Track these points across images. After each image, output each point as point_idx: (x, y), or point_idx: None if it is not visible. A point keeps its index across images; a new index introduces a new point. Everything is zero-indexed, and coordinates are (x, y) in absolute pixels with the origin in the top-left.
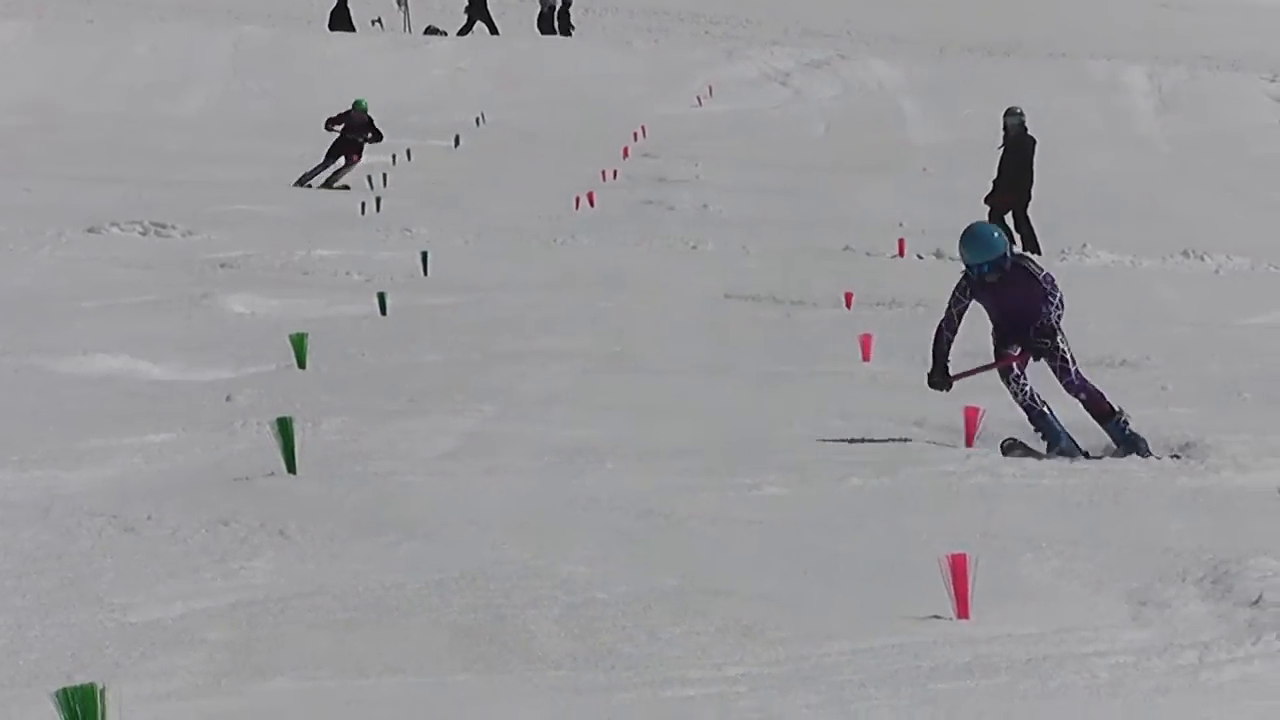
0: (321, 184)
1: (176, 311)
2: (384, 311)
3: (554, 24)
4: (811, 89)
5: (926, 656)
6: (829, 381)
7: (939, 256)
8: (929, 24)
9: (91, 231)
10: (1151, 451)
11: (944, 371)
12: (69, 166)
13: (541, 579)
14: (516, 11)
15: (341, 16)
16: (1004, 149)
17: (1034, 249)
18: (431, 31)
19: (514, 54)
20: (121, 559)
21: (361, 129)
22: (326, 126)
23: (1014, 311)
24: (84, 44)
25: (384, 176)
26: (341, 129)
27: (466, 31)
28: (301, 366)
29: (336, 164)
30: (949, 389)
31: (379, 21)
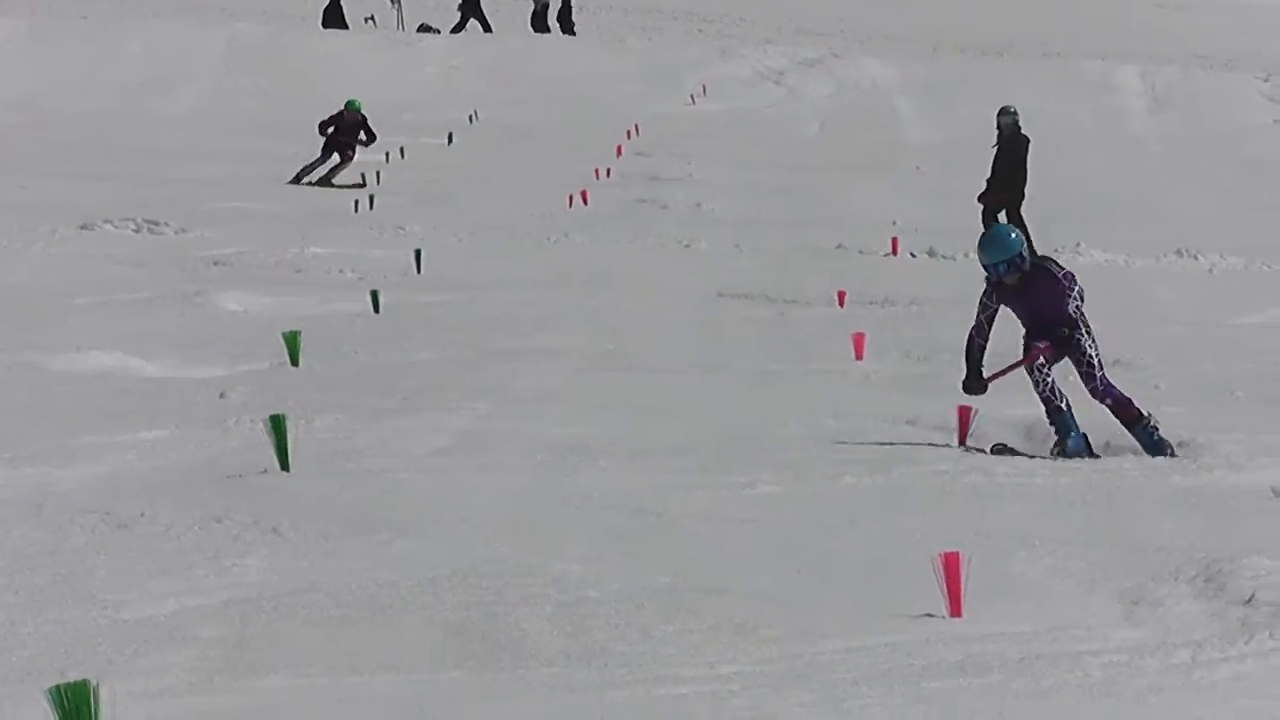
0: (316, 181)
1: (169, 309)
2: (377, 309)
3: (547, 22)
4: (805, 88)
5: (919, 655)
6: (822, 380)
7: (932, 255)
8: (923, 23)
9: (84, 229)
10: (1178, 455)
11: (978, 376)
12: (62, 164)
13: (534, 577)
14: (510, 9)
15: (334, 14)
16: (998, 148)
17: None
18: (424, 29)
19: (507, 52)
20: (114, 556)
21: (354, 130)
22: (320, 130)
23: (1040, 314)
24: (77, 41)
25: (377, 174)
26: (332, 131)
27: (460, 29)
28: (294, 364)
29: (331, 160)
30: (984, 392)
31: (372, 19)
